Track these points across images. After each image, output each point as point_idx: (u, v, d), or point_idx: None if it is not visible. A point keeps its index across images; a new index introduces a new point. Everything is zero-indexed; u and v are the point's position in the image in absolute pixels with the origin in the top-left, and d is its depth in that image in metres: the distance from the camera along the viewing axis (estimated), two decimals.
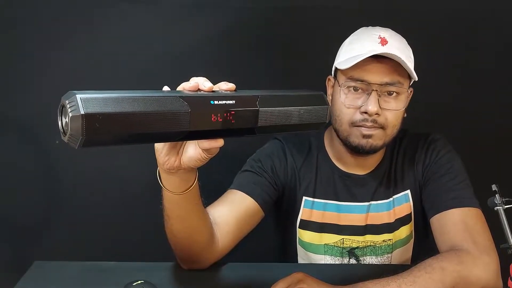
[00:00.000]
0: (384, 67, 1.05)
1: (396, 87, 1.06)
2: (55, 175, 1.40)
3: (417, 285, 0.90)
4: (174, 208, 0.92)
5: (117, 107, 0.63)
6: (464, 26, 1.37)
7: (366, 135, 1.07)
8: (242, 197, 1.10)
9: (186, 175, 0.86)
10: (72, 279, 1.01)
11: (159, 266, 1.06)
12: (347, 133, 1.09)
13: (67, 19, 1.31)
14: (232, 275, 1.05)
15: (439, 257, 0.97)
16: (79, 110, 0.60)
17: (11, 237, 1.42)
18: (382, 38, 1.06)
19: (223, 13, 1.34)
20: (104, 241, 1.39)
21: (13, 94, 1.34)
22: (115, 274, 1.03)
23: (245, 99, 0.76)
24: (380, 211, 1.17)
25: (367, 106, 1.05)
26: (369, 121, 1.06)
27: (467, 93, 1.41)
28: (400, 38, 1.10)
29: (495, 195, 0.93)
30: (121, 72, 1.33)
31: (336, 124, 1.11)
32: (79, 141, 0.61)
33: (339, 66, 1.09)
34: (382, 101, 1.06)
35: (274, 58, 1.39)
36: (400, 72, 1.06)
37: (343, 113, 1.09)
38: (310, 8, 1.35)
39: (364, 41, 1.08)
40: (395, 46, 1.06)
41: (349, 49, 1.10)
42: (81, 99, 0.61)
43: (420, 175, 1.17)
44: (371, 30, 1.11)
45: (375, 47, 1.05)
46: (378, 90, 1.05)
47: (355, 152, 1.12)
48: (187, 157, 0.80)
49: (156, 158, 0.83)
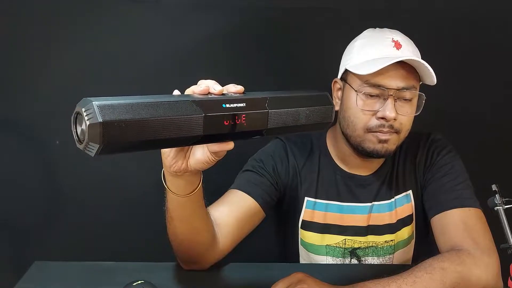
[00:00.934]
0: (400, 72, 1.04)
1: (411, 92, 1.06)
2: (55, 175, 1.40)
3: (418, 285, 0.90)
4: (178, 209, 0.92)
5: (133, 113, 0.63)
6: (465, 26, 1.37)
7: (382, 140, 1.07)
8: (243, 197, 1.10)
9: (191, 177, 0.86)
10: (72, 279, 1.01)
11: (159, 266, 1.06)
12: (361, 139, 1.08)
13: (67, 19, 1.31)
14: (233, 275, 1.05)
15: (440, 257, 0.96)
16: (97, 118, 0.59)
17: (11, 237, 1.42)
18: (395, 41, 1.06)
19: (224, 13, 1.34)
20: (104, 241, 1.39)
21: (13, 95, 1.34)
22: (115, 274, 1.03)
23: (255, 102, 0.76)
24: (382, 212, 1.17)
25: (385, 111, 1.04)
26: (386, 127, 1.06)
27: (467, 93, 1.41)
28: (409, 40, 1.10)
29: (495, 195, 0.93)
30: (121, 72, 1.33)
31: (349, 129, 1.10)
32: (96, 149, 0.61)
33: (355, 71, 1.07)
34: (398, 106, 1.05)
35: (274, 58, 1.39)
36: (415, 76, 1.06)
37: (358, 119, 1.07)
38: (310, 9, 1.35)
39: (377, 45, 1.07)
40: (409, 50, 1.06)
41: (363, 53, 1.08)
42: (98, 107, 0.60)
43: (421, 175, 1.17)
44: (381, 32, 1.10)
45: (391, 51, 1.05)
46: (394, 95, 1.05)
47: (368, 156, 1.11)
48: (195, 160, 0.80)
49: (163, 161, 0.83)
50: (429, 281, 0.91)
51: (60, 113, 1.36)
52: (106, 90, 1.34)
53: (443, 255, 0.98)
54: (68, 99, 1.32)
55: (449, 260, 0.95)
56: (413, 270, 0.93)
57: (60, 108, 1.35)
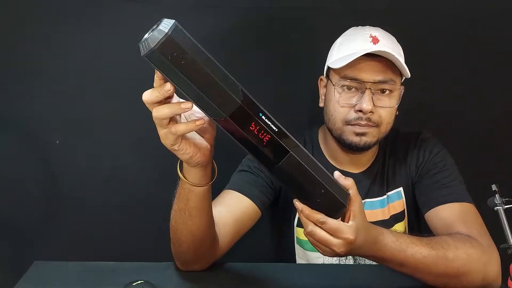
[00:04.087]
0: (377, 65, 1.07)
1: (389, 85, 1.08)
2: (55, 175, 1.40)
3: (429, 259, 0.92)
4: (198, 202, 0.91)
5: (195, 51, 0.69)
6: (460, 25, 1.36)
7: (360, 133, 1.09)
8: (239, 198, 1.10)
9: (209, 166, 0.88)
10: (72, 279, 1.01)
11: (159, 266, 1.06)
12: (340, 131, 1.11)
13: (67, 19, 1.31)
14: (232, 275, 1.05)
15: (455, 237, 0.99)
16: (156, 44, 0.66)
17: (11, 237, 1.42)
18: (373, 37, 1.09)
19: (224, 13, 1.33)
20: (104, 241, 1.39)
21: (13, 94, 1.34)
22: (115, 274, 1.03)
23: (286, 135, 0.77)
24: (374, 209, 1.19)
25: (362, 104, 1.06)
26: (364, 119, 1.08)
27: (467, 93, 1.40)
28: (390, 36, 1.12)
29: (495, 195, 0.93)
30: (121, 72, 1.33)
31: (330, 123, 1.13)
32: (149, 49, 0.67)
33: (332, 66, 1.11)
34: (376, 99, 1.08)
35: (274, 58, 1.38)
36: (393, 69, 1.08)
37: (337, 112, 1.10)
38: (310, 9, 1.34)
39: (355, 41, 1.10)
40: (386, 45, 1.08)
41: (342, 49, 1.11)
42: (176, 27, 0.67)
43: (414, 172, 1.18)
44: (362, 29, 1.13)
45: (367, 46, 1.07)
46: (372, 88, 1.07)
47: (348, 149, 1.13)
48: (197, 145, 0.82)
49: (184, 158, 0.83)
50: (441, 257, 0.93)
51: (60, 113, 1.37)
52: (106, 90, 1.35)
53: (457, 236, 0.99)
54: (68, 99, 1.35)
55: (462, 241, 0.97)
56: (430, 240, 0.95)
57: (60, 108, 1.36)
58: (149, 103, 0.76)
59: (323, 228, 0.83)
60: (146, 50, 0.68)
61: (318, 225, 0.83)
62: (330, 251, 0.85)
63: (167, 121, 0.76)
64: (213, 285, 1.01)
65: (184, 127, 0.77)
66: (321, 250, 0.86)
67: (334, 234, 0.83)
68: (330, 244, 0.84)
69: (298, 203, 0.82)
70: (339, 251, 0.84)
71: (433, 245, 0.94)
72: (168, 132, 0.77)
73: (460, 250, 0.95)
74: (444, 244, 0.95)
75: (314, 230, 0.83)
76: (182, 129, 0.77)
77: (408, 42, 1.14)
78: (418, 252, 0.92)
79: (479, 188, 1.00)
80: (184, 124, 0.77)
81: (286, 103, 1.37)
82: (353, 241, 0.84)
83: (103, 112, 1.36)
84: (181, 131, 0.77)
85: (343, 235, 0.83)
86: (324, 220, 0.83)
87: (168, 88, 0.72)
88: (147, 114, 0.77)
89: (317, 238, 0.84)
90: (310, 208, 0.82)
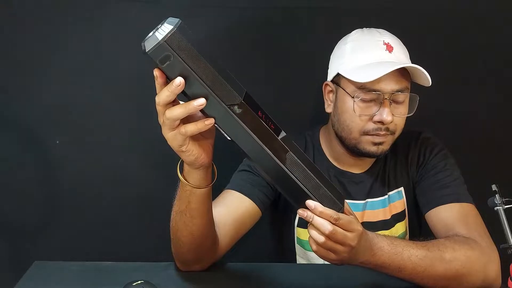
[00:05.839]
0: (394, 75, 1.05)
1: (405, 94, 1.08)
2: (55, 175, 1.40)
3: (426, 260, 0.92)
4: (197, 203, 0.91)
5: (201, 46, 0.70)
6: (460, 25, 1.36)
7: (377, 143, 1.09)
8: (239, 198, 1.10)
9: (210, 167, 0.88)
10: (72, 279, 1.01)
11: (159, 266, 1.06)
12: (356, 141, 1.10)
13: (67, 19, 1.31)
14: (232, 275, 1.05)
15: (452, 239, 0.99)
16: (164, 37, 0.68)
17: (11, 237, 1.42)
18: (386, 44, 1.08)
19: (224, 13, 1.33)
20: (104, 241, 1.39)
21: (13, 94, 1.34)
22: (115, 274, 1.03)
23: (290, 139, 0.80)
24: (376, 209, 1.19)
25: (382, 115, 1.06)
26: (383, 130, 1.07)
27: (467, 93, 1.40)
28: (397, 39, 1.12)
29: (495, 195, 0.93)
30: (121, 72, 1.33)
31: (344, 132, 1.11)
32: (156, 43, 0.68)
33: (350, 77, 1.07)
34: (393, 108, 1.07)
35: (273, 58, 1.38)
36: (407, 77, 1.08)
37: (355, 123, 1.09)
38: (309, 9, 1.34)
39: (369, 49, 1.09)
40: (400, 52, 1.08)
41: (355, 58, 1.09)
42: (178, 30, 0.69)
43: (415, 172, 1.18)
44: (370, 34, 1.11)
45: (383, 55, 1.07)
46: (389, 98, 1.06)
47: (361, 156, 1.13)
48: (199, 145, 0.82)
49: (187, 160, 0.83)
50: (438, 258, 0.93)
51: (60, 113, 1.37)
52: (106, 90, 1.35)
53: (455, 238, 1.00)
54: (68, 99, 1.34)
55: (460, 243, 0.97)
56: (426, 243, 0.95)
57: (60, 108, 1.36)
58: (162, 105, 0.75)
59: (337, 224, 0.83)
60: (152, 45, 0.68)
61: (333, 222, 0.83)
62: (343, 249, 0.85)
63: (178, 122, 0.76)
64: (213, 285, 1.01)
65: (194, 127, 0.76)
66: (328, 257, 0.86)
67: (347, 228, 0.84)
68: (346, 239, 0.83)
69: (311, 202, 0.82)
70: (353, 244, 0.84)
71: (429, 247, 0.94)
72: (177, 133, 0.77)
73: (458, 251, 0.95)
74: (441, 246, 0.95)
75: (336, 229, 0.83)
76: (192, 129, 0.76)
77: (408, 42, 1.14)
78: (414, 255, 0.92)
79: (479, 188, 1.00)
80: (194, 124, 0.76)
81: (286, 103, 1.37)
82: (361, 233, 0.85)
83: (103, 112, 1.36)
84: (191, 132, 0.77)
85: (356, 226, 0.84)
86: (338, 216, 0.83)
87: (178, 83, 0.71)
88: (147, 114, 0.77)
89: (337, 237, 0.83)
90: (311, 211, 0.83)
